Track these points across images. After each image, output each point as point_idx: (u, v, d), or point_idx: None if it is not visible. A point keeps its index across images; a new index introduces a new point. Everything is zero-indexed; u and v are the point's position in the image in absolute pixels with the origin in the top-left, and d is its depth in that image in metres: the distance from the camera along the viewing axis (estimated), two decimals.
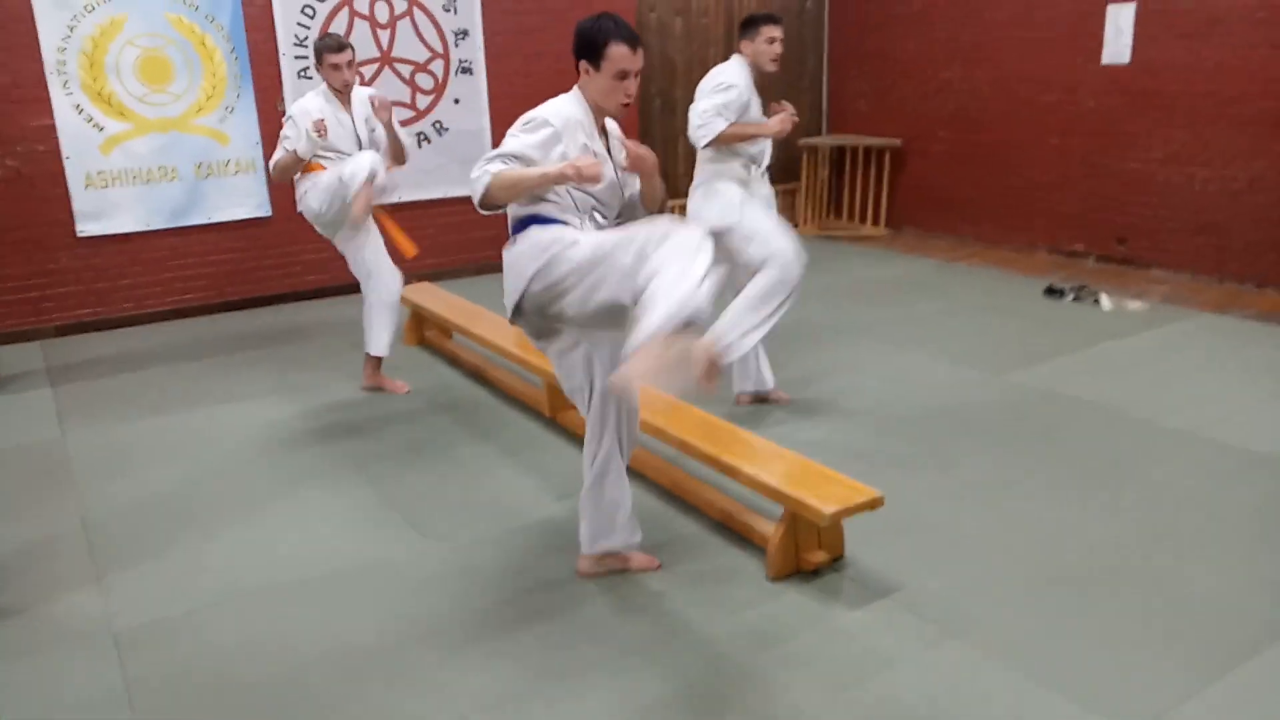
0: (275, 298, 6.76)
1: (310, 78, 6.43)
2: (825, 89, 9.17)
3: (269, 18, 6.39)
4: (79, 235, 6.06)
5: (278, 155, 4.52)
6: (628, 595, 3.03)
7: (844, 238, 8.58)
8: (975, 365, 5.04)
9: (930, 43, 8.11)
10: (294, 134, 4.47)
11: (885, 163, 8.55)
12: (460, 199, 7.27)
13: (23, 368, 5.51)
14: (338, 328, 6.04)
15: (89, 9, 5.85)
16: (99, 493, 3.88)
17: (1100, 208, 7.13)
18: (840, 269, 7.35)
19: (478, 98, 7.22)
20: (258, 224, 6.61)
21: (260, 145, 6.42)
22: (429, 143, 7.11)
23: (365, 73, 6.72)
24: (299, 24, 6.46)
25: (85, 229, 6.07)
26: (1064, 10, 7.07)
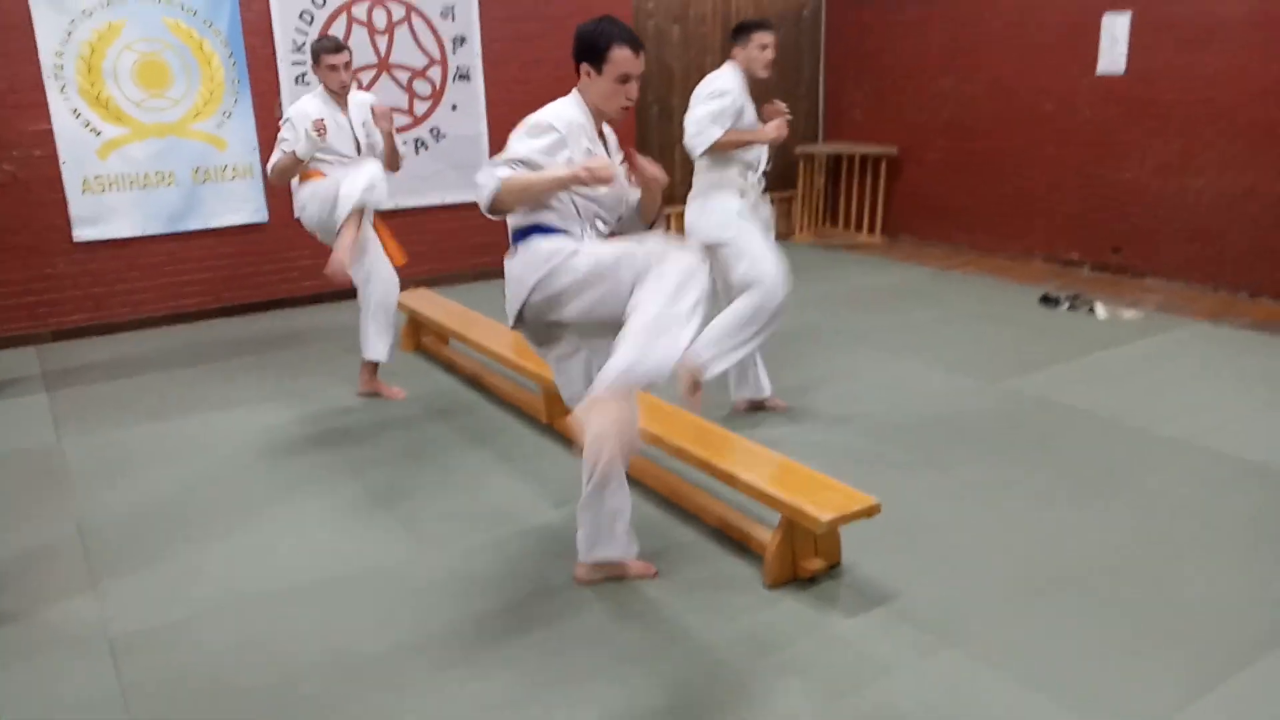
0: (272, 303, 6.76)
1: (308, 83, 6.44)
2: (822, 97, 9.20)
3: (267, 23, 6.40)
4: (75, 240, 6.06)
5: (275, 158, 4.52)
6: (625, 602, 3.03)
7: (840, 245, 8.60)
8: (971, 373, 5.05)
9: (927, 52, 8.14)
10: (292, 136, 4.47)
11: (881, 171, 8.58)
12: (457, 205, 7.28)
13: (18, 373, 5.50)
14: (334, 333, 6.04)
15: (87, 14, 5.86)
16: (95, 498, 3.88)
17: (1095, 217, 7.16)
18: (837, 276, 7.37)
19: (475, 104, 7.23)
20: (255, 229, 6.61)
21: (258, 151, 6.42)
22: (426, 149, 7.12)
23: (363, 79, 6.74)
24: (297, 29, 6.47)
25: (82, 234, 6.07)
26: (1060, 20, 7.11)
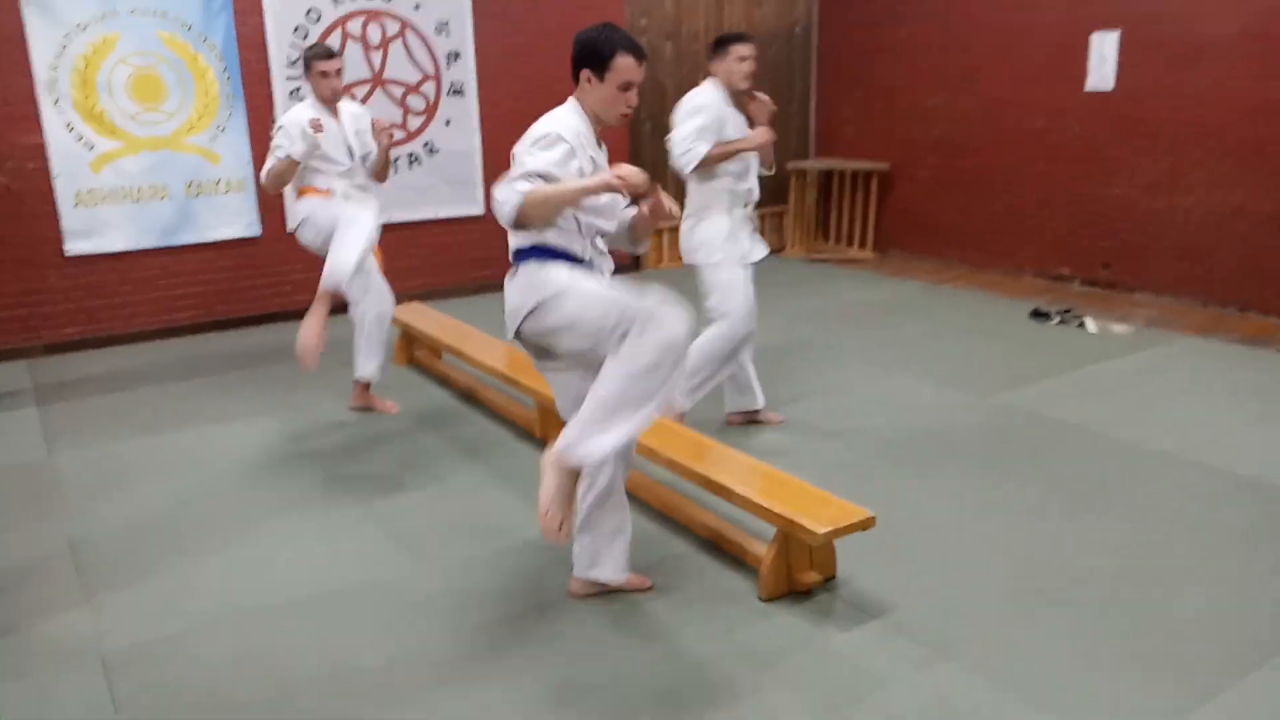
0: (265, 317, 6.75)
1: (302, 98, 6.41)
2: (813, 113, 9.26)
3: (261, 37, 6.41)
4: (68, 254, 6.04)
5: (269, 164, 4.49)
6: (620, 616, 3.03)
7: (831, 260, 8.63)
8: (962, 388, 5.08)
9: (918, 69, 8.20)
10: (286, 142, 4.44)
11: (873, 186, 8.63)
12: (450, 219, 7.30)
13: (10, 387, 5.47)
14: (328, 347, 5.99)
15: (82, 27, 5.86)
16: (88, 513, 3.86)
17: (1085, 233, 7.21)
18: (828, 291, 7.41)
19: (469, 119, 7.26)
20: (248, 243, 6.60)
21: (251, 165, 6.42)
22: (419, 164, 7.13)
23: (357, 94, 6.75)
24: (291, 44, 6.48)
25: (74, 247, 6.06)
26: (1050, 38, 7.18)
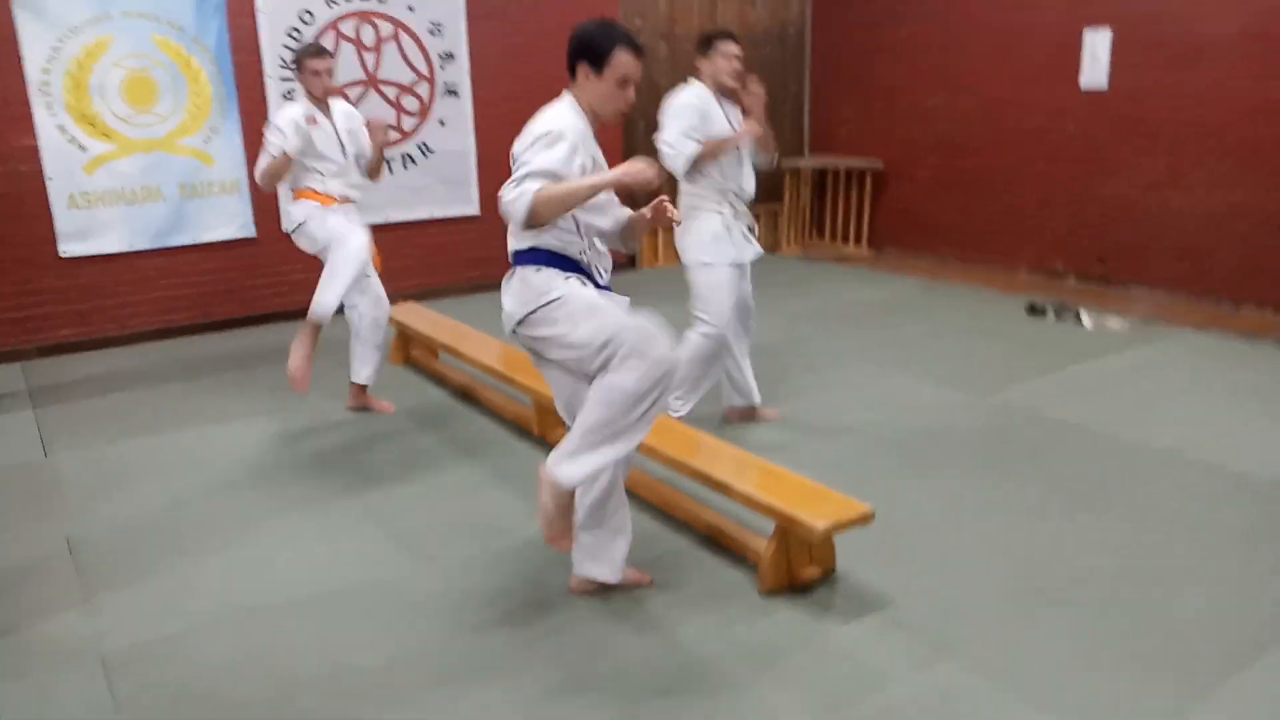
0: (261, 317, 6.74)
1: (296, 100, 6.43)
2: (807, 112, 9.27)
3: (254, 39, 6.41)
4: (62, 255, 6.03)
5: (264, 162, 4.46)
6: (621, 611, 3.03)
7: (827, 258, 8.65)
8: (960, 386, 5.08)
9: (913, 68, 8.21)
10: (278, 139, 4.43)
11: (867, 184, 8.65)
12: (445, 219, 7.30)
13: (5, 389, 5.46)
14: (324, 347, 5.94)
15: (75, 30, 5.85)
16: (86, 514, 3.85)
17: (1082, 231, 7.22)
18: (825, 289, 7.41)
19: (463, 119, 7.25)
20: (244, 244, 6.59)
21: (245, 167, 6.41)
22: (414, 164, 7.13)
23: (351, 95, 6.74)
24: (285, 46, 6.48)
25: (68, 249, 6.04)
26: (1045, 37, 7.18)
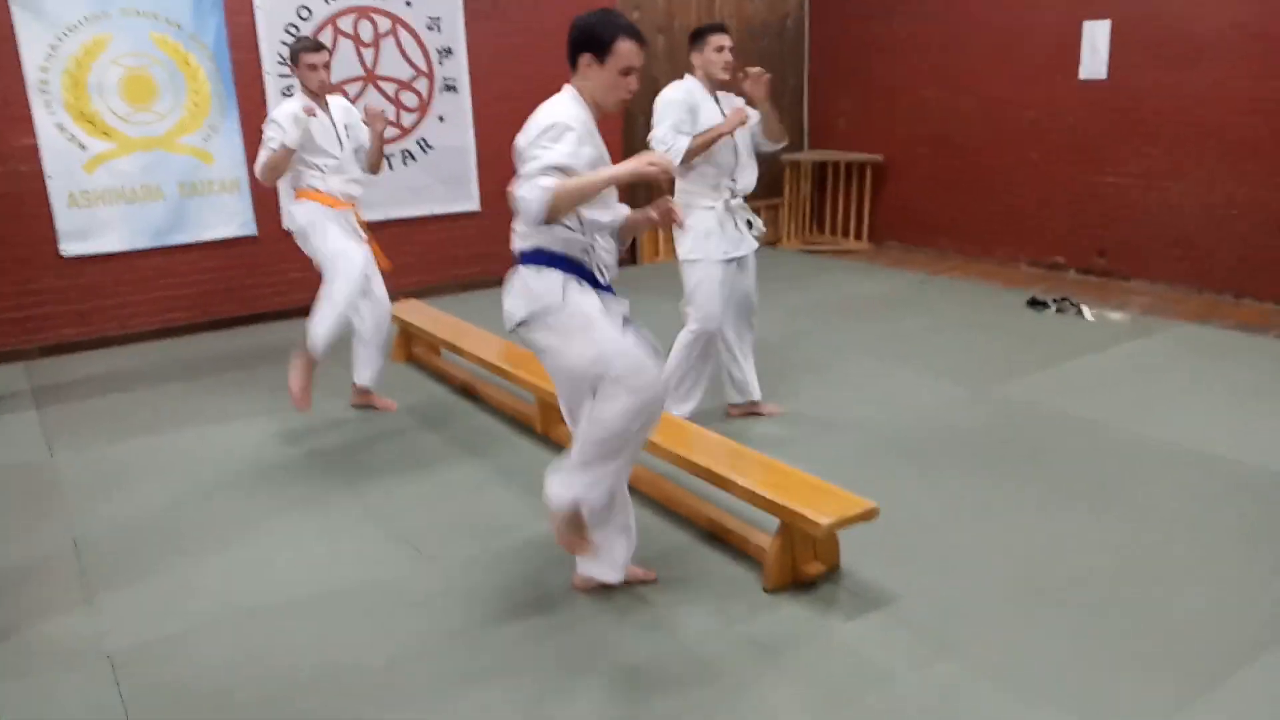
0: (262, 316, 6.73)
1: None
2: (806, 106, 9.26)
3: (253, 37, 6.39)
4: (63, 255, 6.03)
5: (263, 156, 4.43)
6: (625, 608, 3.03)
7: (827, 252, 8.64)
8: (961, 381, 5.08)
9: (912, 61, 8.20)
10: (277, 133, 4.39)
11: (867, 178, 8.64)
12: (445, 216, 7.29)
13: (8, 389, 5.46)
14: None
15: (73, 28, 5.84)
16: (89, 514, 3.85)
17: (1081, 224, 7.21)
18: (826, 284, 7.40)
19: (462, 115, 7.24)
20: (244, 243, 6.59)
21: (245, 165, 6.40)
22: (414, 160, 7.12)
23: (350, 91, 6.73)
24: (283, 43, 6.46)
25: (69, 248, 6.04)
26: (1043, 31, 7.17)
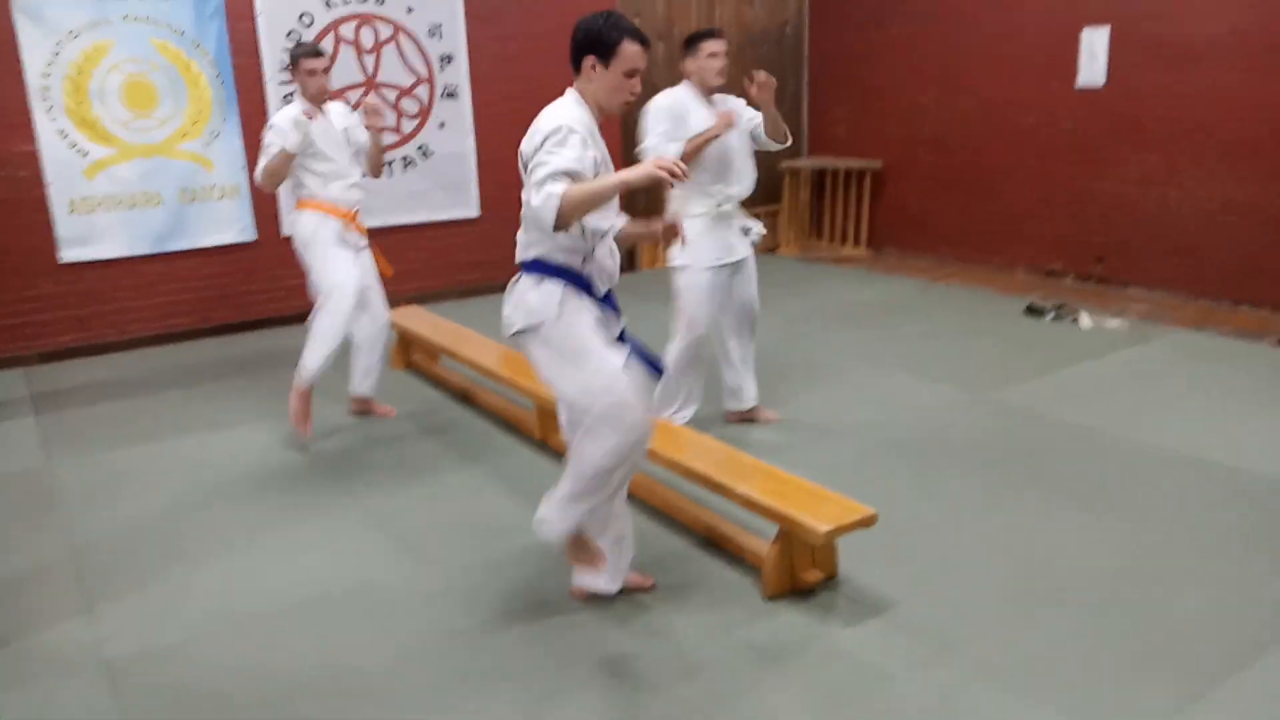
0: (262, 322, 6.74)
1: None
2: (805, 112, 9.28)
3: (254, 43, 6.41)
4: (62, 261, 6.03)
5: (263, 162, 4.40)
6: (623, 615, 3.04)
7: (825, 259, 8.65)
8: (960, 386, 5.09)
9: (910, 67, 8.22)
10: (277, 139, 4.36)
11: (865, 184, 8.65)
12: (445, 222, 7.30)
13: (6, 395, 5.46)
14: None
15: (74, 35, 5.85)
16: (87, 521, 3.85)
17: (1079, 230, 7.23)
18: (824, 290, 7.41)
19: (463, 121, 7.25)
20: (244, 249, 6.59)
21: (245, 171, 6.41)
22: (414, 166, 7.13)
23: (351, 98, 6.74)
24: (285, 49, 6.47)
25: (68, 255, 6.05)
26: (1041, 36, 7.19)
